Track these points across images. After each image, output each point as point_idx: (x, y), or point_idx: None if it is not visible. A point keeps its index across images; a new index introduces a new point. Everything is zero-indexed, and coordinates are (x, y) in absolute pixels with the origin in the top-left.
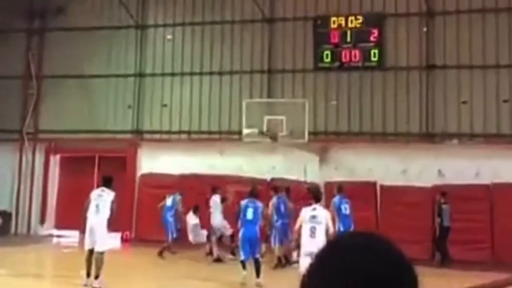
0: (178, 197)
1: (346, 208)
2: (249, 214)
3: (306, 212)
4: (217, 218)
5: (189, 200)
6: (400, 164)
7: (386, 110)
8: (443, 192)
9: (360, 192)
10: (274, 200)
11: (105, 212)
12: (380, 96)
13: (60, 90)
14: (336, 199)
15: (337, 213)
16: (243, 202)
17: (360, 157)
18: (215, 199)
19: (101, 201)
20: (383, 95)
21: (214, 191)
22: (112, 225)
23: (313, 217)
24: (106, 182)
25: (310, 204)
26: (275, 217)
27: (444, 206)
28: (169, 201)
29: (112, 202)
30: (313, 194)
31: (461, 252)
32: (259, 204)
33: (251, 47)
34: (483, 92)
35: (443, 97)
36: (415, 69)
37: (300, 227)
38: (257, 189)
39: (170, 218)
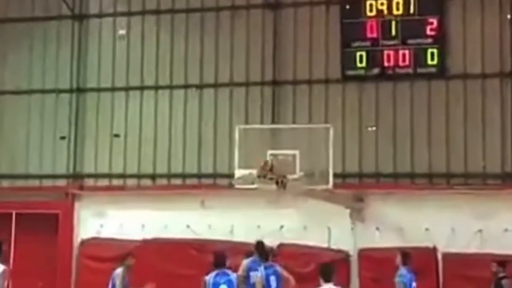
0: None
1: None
2: None
3: None
4: None
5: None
6: (473, 221)
7: (450, 139)
8: (501, 261)
9: (413, 263)
10: (262, 271)
11: None
12: (442, 118)
13: None
14: (404, 272)
15: None
16: (209, 277)
17: (412, 211)
18: None
19: None
20: (446, 116)
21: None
22: None
23: None
24: None
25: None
26: None
27: (504, 282)
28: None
29: None
30: (320, 271)
31: None
32: (233, 276)
33: (247, 46)
34: None
35: None
36: (494, 77)
37: None
38: (224, 255)
39: None
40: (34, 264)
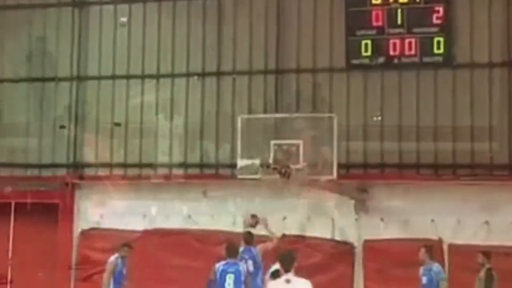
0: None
1: None
2: (229, 283)
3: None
4: None
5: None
6: (480, 213)
7: (457, 129)
8: (486, 252)
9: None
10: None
11: None
12: (449, 107)
13: None
14: (440, 268)
15: None
16: (219, 265)
17: (417, 202)
18: None
19: None
20: (453, 106)
21: None
22: None
23: None
24: None
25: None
26: None
27: (494, 273)
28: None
29: None
30: (279, 260)
31: None
32: (242, 267)
33: (250, 34)
34: None
35: None
36: (502, 66)
37: None
38: (236, 245)
39: None
40: (33, 255)
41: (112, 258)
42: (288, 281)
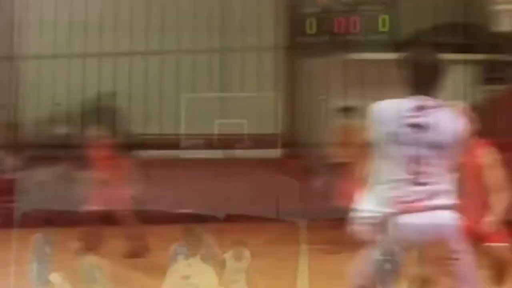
0: None
1: None
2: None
3: (177, 270)
4: None
5: None
6: None
7: None
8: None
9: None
10: None
11: None
12: (395, 86)
13: None
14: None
15: None
16: (174, 248)
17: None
18: None
19: None
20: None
21: None
22: None
23: (186, 278)
24: None
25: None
26: None
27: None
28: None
29: None
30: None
31: None
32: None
33: (194, 12)
34: None
35: None
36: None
37: None
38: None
39: None
40: None
41: (34, 237)
42: (190, 265)
